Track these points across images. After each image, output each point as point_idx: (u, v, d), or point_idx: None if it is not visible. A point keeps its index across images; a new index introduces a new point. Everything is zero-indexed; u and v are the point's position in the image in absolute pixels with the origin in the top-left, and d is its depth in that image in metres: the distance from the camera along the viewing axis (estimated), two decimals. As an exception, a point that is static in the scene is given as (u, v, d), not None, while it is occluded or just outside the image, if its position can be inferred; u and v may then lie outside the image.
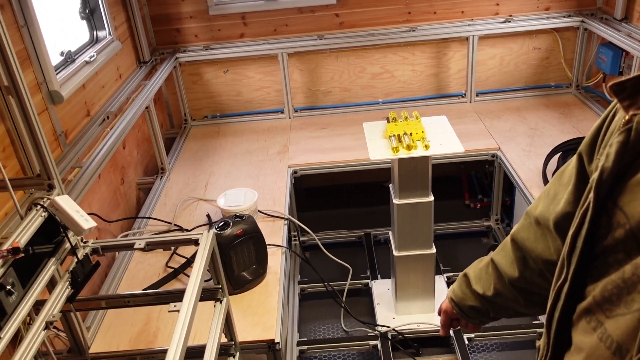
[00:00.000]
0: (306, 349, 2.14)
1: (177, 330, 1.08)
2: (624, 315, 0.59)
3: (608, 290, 0.62)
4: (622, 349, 0.59)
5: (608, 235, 0.64)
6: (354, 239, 2.78)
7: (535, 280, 0.88)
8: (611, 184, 0.64)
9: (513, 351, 2.14)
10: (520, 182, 2.18)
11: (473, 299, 1.00)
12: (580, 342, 0.66)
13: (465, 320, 1.07)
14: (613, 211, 0.63)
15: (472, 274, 1.02)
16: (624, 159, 0.63)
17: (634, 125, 0.62)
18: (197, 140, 2.77)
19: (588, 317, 0.65)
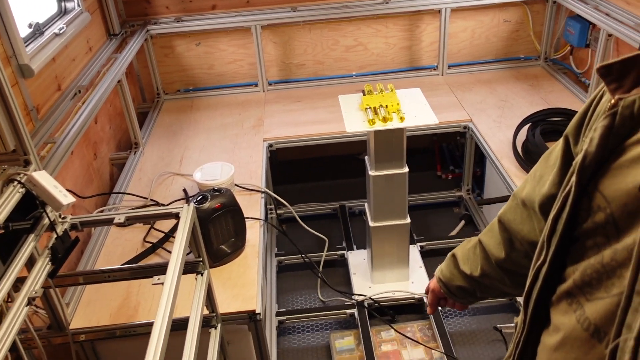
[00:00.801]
0: (285, 319, 2.18)
1: (162, 303, 1.09)
2: (603, 299, 0.60)
3: (588, 274, 0.63)
4: (600, 331, 0.60)
5: (588, 218, 0.64)
6: (329, 211, 2.82)
7: (521, 262, 0.90)
8: (594, 168, 0.64)
9: (484, 315, 2.22)
10: (491, 153, 2.23)
11: (461, 279, 1.02)
12: (559, 323, 0.67)
13: (453, 300, 1.08)
14: (594, 195, 0.64)
15: (460, 254, 1.04)
16: (607, 143, 0.63)
17: (619, 110, 0.62)
18: (170, 114, 2.74)
19: (569, 300, 0.66)
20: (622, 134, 0.62)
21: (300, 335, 2.20)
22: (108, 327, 1.55)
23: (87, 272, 1.40)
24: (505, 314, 2.22)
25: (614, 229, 0.60)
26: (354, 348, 2.08)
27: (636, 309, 0.54)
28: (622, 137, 0.62)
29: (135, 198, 2.09)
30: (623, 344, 0.54)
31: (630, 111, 0.61)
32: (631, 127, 0.62)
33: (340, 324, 2.23)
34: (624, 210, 0.59)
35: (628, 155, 0.61)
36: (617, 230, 0.60)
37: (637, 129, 0.61)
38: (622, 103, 0.62)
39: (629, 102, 0.61)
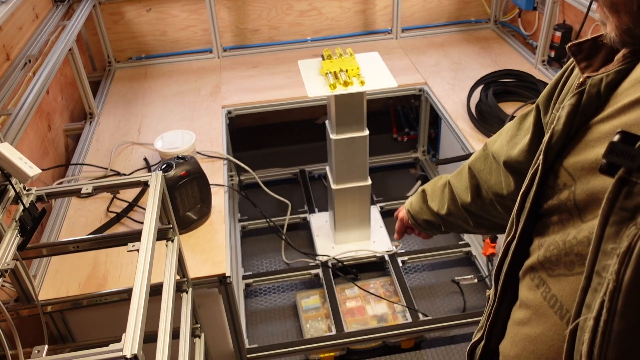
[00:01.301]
0: (252, 282, 2.23)
1: (139, 269, 1.11)
2: (567, 276, 0.61)
3: (550, 250, 0.64)
4: (563, 308, 0.61)
5: (554, 195, 0.65)
6: (289, 176, 2.85)
7: (486, 208, 0.95)
8: (560, 146, 0.65)
9: (442, 270, 2.34)
10: (446, 114, 2.31)
11: (428, 214, 1.09)
12: (526, 298, 0.68)
13: (419, 230, 1.17)
14: (560, 172, 0.65)
15: (430, 191, 1.09)
16: (574, 122, 0.64)
17: (587, 88, 0.63)
18: (123, 83, 2.68)
19: (532, 274, 0.67)
20: (588, 113, 0.63)
21: (267, 296, 2.26)
22: (78, 296, 1.55)
23: (55, 243, 1.39)
24: (462, 267, 2.34)
25: (576, 207, 0.61)
26: (319, 306, 2.16)
27: (595, 289, 0.54)
28: (589, 115, 0.63)
29: (95, 169, 2.06)
30: (583, 323, 0.55)
31: (597, 90, 0.62)
32: (597, 106, 0.63)
33: (305, 284, 2.30)
34: (586, 187, 0.60)
35: (593, 133, 0.61)
36: (579, 208, 0.61)
37: (603, 108, 0.62)
38: (589, 81, 0.63)
39: (596, 80, 0.62)
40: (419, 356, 2.00)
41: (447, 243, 2.41)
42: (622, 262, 0.51)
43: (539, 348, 0.64)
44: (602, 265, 0.54)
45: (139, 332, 0.97)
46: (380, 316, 2.09)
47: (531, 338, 0.65)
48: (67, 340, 1.68)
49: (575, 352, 0.56)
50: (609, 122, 0.60)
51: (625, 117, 0.57)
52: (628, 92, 0.59)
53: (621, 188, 0.52)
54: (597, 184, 0.58)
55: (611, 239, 0.53)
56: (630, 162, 0.51)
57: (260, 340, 2.04)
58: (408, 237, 2.49)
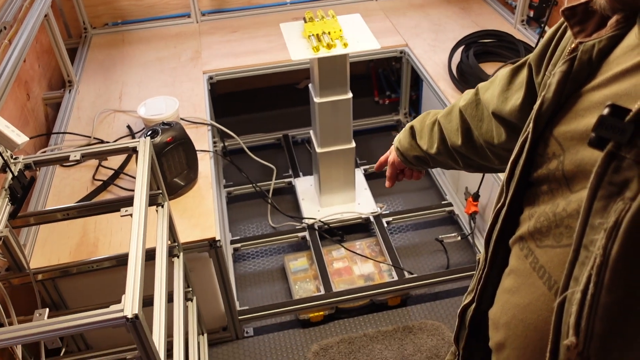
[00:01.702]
0: (240, 247, 2.26)
1: (133, 232, 1.13)
2: (554, 248, 0.61)
3: (540, 221, 0.63)
4: (552, 279, 0.61)
5: (543, 165, 0.64)
6: (272, 142, 2.86)
7: (477, 152, 0.95)
8: (551, 114, 0.64)
9: (426, 229, 2.39)
10: (428, 76, 2.33)
11: (418, 151, 1.07)
12: (515, 268, 0.68)
13: (409, 168, 1.16)
14: (550, 141, 0.64)
15: (419, 128, 1.07)
16: (564, 90, 0.63)
17: (579, 54, 0.61)
18: (101, 49, 2.63)
19: (521, 244, 0.67)
20: (579, 80, 0.62)
21: (255, 260, 2.29)
22: (69, 264, 1.56)
23: (44, 211, 1.39)
24: (446, 226, 2.39)
25: (564, 177, 0.60)
26: (307, 268, 2.20)
27: (583, 263, 0.54)
28: (580, 83, 0.62)
29: (78, 137, 2.04)
30: (571, 296, 0.55)
31: (588, 56, 0.61)
32: (589, 73, 0.61)
33: (292, 247, 2.33)
34: (575, 158, 0.59)
35: (584, 102, 0.60)
36: (567, 179, 0.60)
37: (594, 75, 0.60)
38: (581, 47, 0.61)
39: (588, 46, 0.61)
40: (405, 312, 2.07)
41: (430, 203, 2.46)
42: (609, 237, 0.51)
43: (527, 317, 0.64)
44: (589, 240, 0.54)
45: (138, 293, 0.99)
46: (367, 275, 2.15)
47: (520, 307, 0.66)
48: (60, 308, 1.70)
49: (563, 324, 0.56)
50: (599, 91, 0.59)
51: (616, 86, 0.56)
52: (620, 59, 0.57)
53: (610, 162, 0.51)
54: (585, 155, 0.57)
55: (599, 213, 0.53)
56: (619, 136, 0.50)
57: (250, 302, 2.08)
58: (392, 199, 2.53)
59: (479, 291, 0.76)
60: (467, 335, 0.81)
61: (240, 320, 1.95)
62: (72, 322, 0.95)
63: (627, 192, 0.50)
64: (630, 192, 0.50)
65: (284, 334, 2.02)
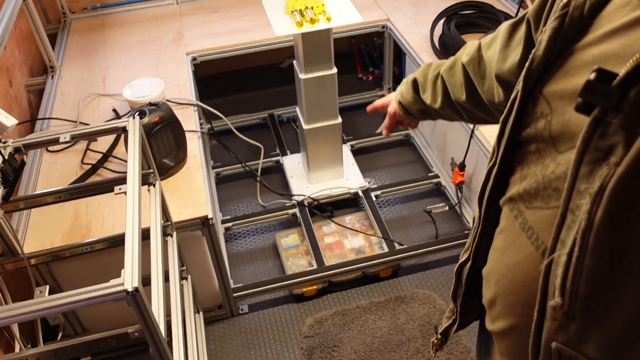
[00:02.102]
0: (231, 226, 2.27)
1: (129, 208, 1.14)
2: (543, 209, 0.61)
3: (529, 183, 0.64)
4: (539, 240, 0.61)
5: (531, 124, 0.64)
6: (258, 121, 2.86)
7: (480, 107, 0.94)
8: (541, 72, 0.63)
9: (414, 202, 2.43)
10: (410, 49, 2.34)
11: (421, 105, 1.07)
12: (505, 228, 0.69)
13: (410, 119, 1.17)
14: (539, 100, 0.63)
15: (422, 81, 1.06)
16: (555, 47, 0.61)
17: (570, 10, 0.60)
18: (81, 34, 2.60)
19: (511, 205, 0.68)
20: (570, 37, 0.61)
21: (247, 239, 2.31)
22: (63, 247, 1.57)
23: (35, 195, 1.39)
24: (433, 197, 2.43)
25: (550, 137, 0.60)
26: (299, 244, 2.23)
27: (569, 226, 0.55)
28: (571, 40, 0.60)
29: (63, 122, 2.04)
30: (557, 258, 0.56)
31: (580, 12, 0.59)
32: (580, 30, 0.60)
33: (283, 224, 2.35)
34: (562, 119, 0.59)
35: (574, 61, 0.59)
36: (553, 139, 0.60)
37: (585, 32, 0.59)
38: (573, 3, 0.60)
39: (579, 2, 0.59)
40: (397, 283, 2.11)
41: (417, 175, 2.49)
42: (594, 202, 0.52)
43: (516, 276, 0.66)
44: (575, 204, 0.55)
45: (137, 267, 1.01)
46: (358, 249, 2.18)
47: (509, 266, 0.67)
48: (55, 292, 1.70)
49: (549, 285, 0.58)
50: (589, 49, 0.58)
51: (605, 45, 0.56)
52: (611, 16, 0.56)
53: (596, 127, 0.51)
54: (572, 116, 0.57)
55: (584, 178, 0.53)
56: (606, 101, 0.50)
57: (244, 280, 2.10)
58: (379, 174, 2.56)
59: (473, 249, 0.78)
60: (464, 292, 0.84)
61: (234, 298, 1.98)
62: (73, 298, 0.96)
63: (612, 158, 0.51)
64: (615, 158, 0.51)
65: (279, 309, 2.05)
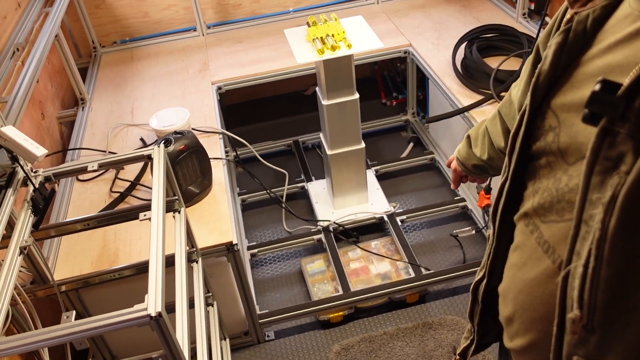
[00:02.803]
0: (256, 252, 2.28)
1: (153, 234, 1.16)
2: (558, 222, 0.61)
3: (543, 197, 0.64)
4: (555, 253, 0.62)
5: (541, 137, 0.65)
6: (283, 148, 2.89)
7: None
8: (547, 86, 0.64)
9: (441, 226, 2.40)
10: (433, 73, 2.35)
11: (475, 159, 1.09)
12: (521, 243, 0.69)
13: (471, 176, 1.18)
14: (547, 113, 0.64)
15: (474, 136, 1.09)
16: (560, 61, 0.62)
17: (573, 25, 0.61)
18: (111, 67, 2.68)
19: (526, 220, 0.68)
20: (575, 51, 0.61)
21: (273, 265, 2.32)
22: (92, 274, 1.60)
23: (64, 223, 1.43)
24: (460, 221, 2.40)
25: (559, 150, 0.61)
26: (325, 270, 2.22)
27: (584, 237, 0.55)
28: (575, 54, 0.61)
29: (93, 153, 2.09)
30: (573, 270, 0.56)
31: (583, 26, 0.60)
32: (584, 44, 0.61)
33: (308, 250, 2.35)
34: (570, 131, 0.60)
35: (579, 74, 0.60)
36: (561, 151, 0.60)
37: (589, 46, 0.60)
38: (576, 18, 0.61)
39: (582, 17, 0.60)
40: (424, 309, 2.07)
41: (443, 199, 2.47)
42: (607, 211, 0.51)
43: (533, 291, 0.66)
44: (589, 214, 0.55)
45: (160, 292, 1.02)
46: (384, 274, 2.16)
47: (526, 281, 0.67)
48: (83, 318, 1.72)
49: (567, 298, 0.57)
50: (594, 62, 0.59)
51: (609, 57, 0.56)
52: (614, 29, 0.57)
53: (604, 138, 0.52)
54: (580, 127, 0.58)
55: (596, 188, 0.53)
56: (612, 111, 0.50)
57: (270, 307, 2.09)
58: (404, 198, 2.55)
59: (489, 266, 0.78)
60: (481, 310, 0.83)
61: (260, 324, 1.97)
62: (98, 323, 0.97)
63: (622, 166, 0.51)
64: (625, 166, 0.51)
65: (305, 336, 2.03)
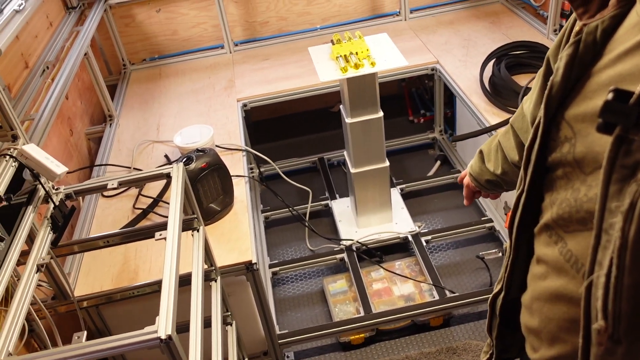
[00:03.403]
0: (278, 270, 2.26)
1: (167, 254, 1.15)
2: (582, 231, 0.61)
3: (562, 207, 0.64)
4: (579, 262, 0.62)
5: (556, 148, 0.65)
6: (308, 165, 2.87)
7: None
8: (560, 98, 0.64)
9: (467, 247, 2.34)
10: (460, 91, 2.31)
11: (488, 174, 1.08)
12: (543, 254, 0.69)
13: (484, 192, 1.17)
14: (561, 124, 0.64)
15: (486, 151, 1.08)
16: (572, 72, 0.63)
17: (583, 36, 0.61)
18: (139, 84, 2.73)
19: (549, 232, 0.68)
20: (586, 62, 0.62)
21: (294, 284, 2.29)
22: (112, 290, 1.60)
23: (86, 239, 1.43)
24: (486, 243, 2.34)
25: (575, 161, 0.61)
26: (347, 290, 2.18)
27: (605, 247, 0.55)
28: (587, 64, 0.62)
29: (119, 169, 2.11)
30: (596, 280, 0.56)
31: (593, 37, 0.61)
32: (594, 54, 0.61)
33: (331, 269, 2.32)
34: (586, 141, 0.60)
35: (591, 84, 0.61)
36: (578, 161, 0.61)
37: (600, 56, 0.61)
38: (585, 29, 0.61)
39: (592, 28, 0.61)
40: (448, 333, 2.01)
41: (470, 220, 2.41)
42: (626, 219, 0.51)
43: (558, 301, 0.65)
44: (609, 223, 0.54)
45: (171, 314, 1.00)
46: (407, 296, 2.11)
47: (551, 292, 0.66)
48: (104, 334, 1.73)
49: (592, 308, 0.56)
50: (605, 71, 0.59)
51: (620, 66, 0.57)
52: (623, 38, 0.58)
53: (620, 146, 0.52)
54: (595, 137, 0.58)
55: (615, 197, 0.53)
56: (625, 119, 0.50)
57: (290, 326, 2.07)
58: (430, 218, 2.50)
59: (506, 279, 0.78)
60: (499, 324, 0.83)
61: (280, 345, 1.94)
62: (108, 344, 0.96)
63: (639, 174, 0.51)
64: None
65: (325, 358, 1.99)
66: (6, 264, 1.10)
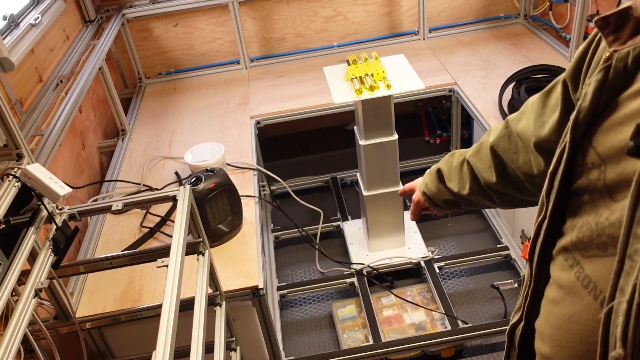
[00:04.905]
0: (286, 293, 2.21)
1: (168, 284, 1.11)
2: (601, 257, 0.60)
3: (582, 231, 0.63)
4: (597, 289, 0.60)
5: (583, 175, 0.64)
6: (321, 184, 2.83)
7: (514, 186, 0.92)
8: (588, 124, 0.63)
9: (481, 275, 2.27)
10: (478, 114, 2.25)
11: (447, 194, 1.06)
12: (559, 278, 0.67)
13: (437, 210, 1.14)
14: (588, 151, 0.63)
15: (446, 171, 1.06)
16: (600, 98, 0.62)
17: (613, 63, 0.61)
18: (154, 98, 2.71)
19: (565, 255, 0.66)
20: (615, 88, 0.61)
21: (303, 307, 2.24)
22: (114, 312, 1.57)
23: (89, 260, 1.41)
24: (502, 271, 2.27)
25: (605, 187, 0.60)
26: (356, 316, 2.12)
27: (628, 273, 0.53)
28: (616, 91, 0.61)
29: (128, 184, 2.09)
30: (617, 307, 0.54)
31: (624, 64, 0.60)
32: (624, 81, 0.61)
33: (340, 293, 2.27)
34: (617, 168, 0.59)
35: (621, 111, 0.60)
36: (608, 188, 0.59)
37: (630, 83, 0.60)
38: (616, 56, 0.60)
39: (622, 54, 0.60)
40: (460, 364, 1.95)
41: (485, 246, 2.34)
42: None
43: (573, 327, 0.63)
44: (634, 249, 0.53)
45: (169, 351, 0.96)
46: (418, 324, 2.05)
47: (565, 317, 0.65)
48: (106, 357, 1.69)
49: (610, 336, 0.55)
50: (636, 99, 0.58)
51: None
52: None
53: None
54: (628, 164, 0.57)
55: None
56: None
57: (296, 352, 2.02)
58: (444, 243, 2.44)
59: (526, 308, 0.75)
60: (518, 355, 0.78)
61: (286, 371, 1.89)
62: (101, 380, 0.92)
63: None
64: None
65: (332, 386, 1.93)
66: (2, 289, 1.07)
